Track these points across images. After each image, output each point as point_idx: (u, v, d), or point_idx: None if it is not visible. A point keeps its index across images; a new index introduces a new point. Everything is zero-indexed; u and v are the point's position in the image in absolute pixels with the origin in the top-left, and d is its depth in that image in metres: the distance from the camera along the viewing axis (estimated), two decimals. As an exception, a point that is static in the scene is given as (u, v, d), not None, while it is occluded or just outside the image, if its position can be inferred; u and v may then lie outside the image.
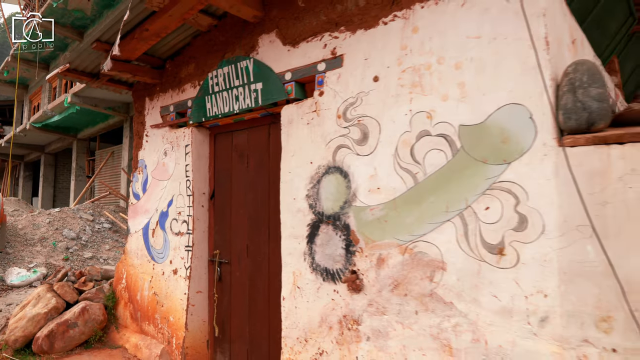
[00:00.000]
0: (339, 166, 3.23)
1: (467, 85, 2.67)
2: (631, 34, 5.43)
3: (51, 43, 13.37)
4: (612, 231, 2.22)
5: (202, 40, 4.46)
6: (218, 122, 4.36)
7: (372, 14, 3.16)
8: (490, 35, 2.61)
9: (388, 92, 3.01)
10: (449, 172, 2.70)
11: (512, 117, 2.50)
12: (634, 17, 5.04)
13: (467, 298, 2.59)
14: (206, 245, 4.51)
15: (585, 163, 2.29)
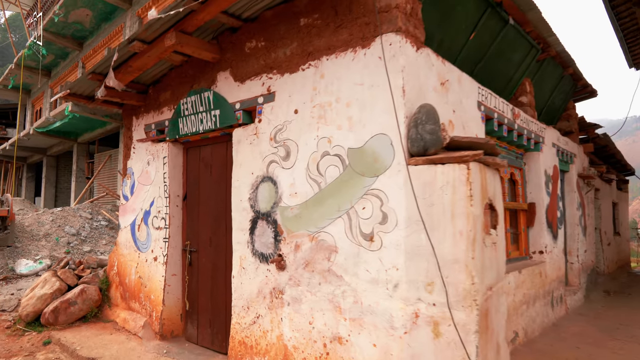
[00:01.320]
0: (270, 176, 4.32)
1: (353, 119, 3.74)
2: (541, 60, 6.47)
3: (44, 56, 14.46)
4: (435, 225, 3.29)
5: (176, 72, 5.54)
6: (189, 138, 5.44)
7: (295, 62, 4.23)
8: (369, 83, 3.68)
9: (303, 122, 4.09)
10: (340, 182, 3.77)
11: (380, 143, 3.57)
12: (537, 48, 6.08)
13: (351, 272, 3.66)
14: (180, 237, 5.59)
15: (421, 177, 3.37)
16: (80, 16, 13.83)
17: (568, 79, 7.60)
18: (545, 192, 6.45)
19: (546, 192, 6.48)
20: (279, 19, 4.42)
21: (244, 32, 4.71)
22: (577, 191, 7.99)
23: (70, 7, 13.21)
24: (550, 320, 6.26)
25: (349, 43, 3.85)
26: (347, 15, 3.90)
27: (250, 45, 4.64)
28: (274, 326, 4.17)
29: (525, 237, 6.34)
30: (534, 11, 5.28)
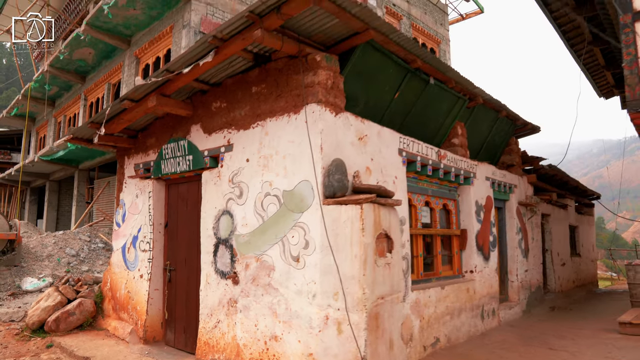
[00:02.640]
0: (228, 210, 5.56)
1: (287, 168, 5.00)
2: (472, 107, 7.74)
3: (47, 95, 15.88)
4: (339, 250, 4.52)
5: (159, 122, 6.85)
6: (170, 177, 6.71)
7: (247, 121, 5.52)
8: (298, 141, 4.95)
9: (253, 169, 5.35)
10: (277, 216, 5.01)
11: (305, 187, 4.81)
12: (464, 99, 7.35)
13: (284, 285, 4.87)
14: (161, 258, 6.82)
15: (331, 214, 4.60)
16: (83, 54, 15.30)
17: (505, 120, 8.87)
18: (476, 220, 7.66)
19: (477, 219, 7.68)
20: (237, 85, 5.73)
21: (211, 94, 6.03)
22: (517, 217, 9.18)
23: (74, 46, 14.67)
24: (479, 330, 7.39)
25: (285, 109, 5.13)
26: (285, 87, 5.20)
27: (216, 105, 5.95)
28: (230, 329, 5.36)
29: (458, 258, 7.52)
30: (452, 72, 6.57)
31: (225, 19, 11.85)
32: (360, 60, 5.41)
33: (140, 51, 13.43)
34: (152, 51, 13.02)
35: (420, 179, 6.69)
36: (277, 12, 4.48)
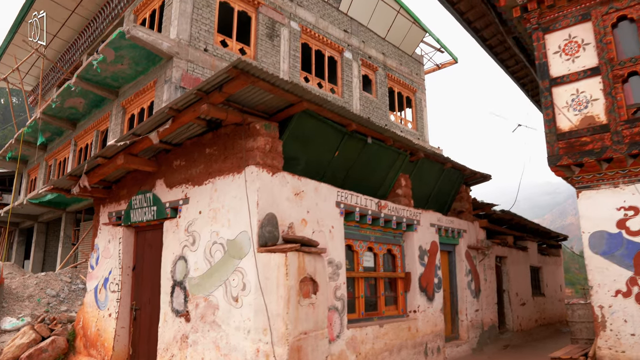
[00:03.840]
0: (184, 256, 6.45)
1: (231, 220, 5.93)
2: (415, 160, 8.73)
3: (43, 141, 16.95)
4: (269, 291, 5.38)
5: (130, 176, 7.82)
6: (138, 224, 7.62)
7: (201, 178, 6.48)
8: (239, 197, 5.89)
9: (204, 220, 6.28)
10: (222, 262, 5.90)
11: (244, 237, 5.72)
12: (405, 154, 8.35)
13: (226, 323, 5.71)
14: (129, 298, 7.64)
15: (263, 260, 5.50)
16: (74, 103, 16.45)
17: (452, 170, 9.85)
18: (419, 264, 8.51)
19: (420, 263, 8.54)
20: (194, 147, 6.73)
21: (173, 153, 7.02)
22: (466, 260, 10.03)
23: (66, 96, 15.82)
24: (422, 366, 8.13)
25: (231, 169, 6.11)
26: (231, 150, 6.19)
27: (177, 163, 6.93)
28: (181, 362, 6.16)
29: (403, 299, 8.34)
30: (388, 132, 7.60)
31: (205, 74, 13.02)
32: (298, 126, 6.43)
33: (127, 102, 14.58)
34: (137, 102, 14.15)
35: (363, 227, 7.60)
36: (219, 91, 5.54)
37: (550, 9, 8.26)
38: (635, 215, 7.26)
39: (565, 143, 7.80)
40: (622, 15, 7.61)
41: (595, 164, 7.53)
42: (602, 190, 7.62)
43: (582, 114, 7.74)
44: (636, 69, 7.37)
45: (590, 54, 7.82)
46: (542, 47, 8.29)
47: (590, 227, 7.63)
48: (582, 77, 7.83)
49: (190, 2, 13.12)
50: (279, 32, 15.11)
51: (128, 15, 15.94)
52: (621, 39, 7.68)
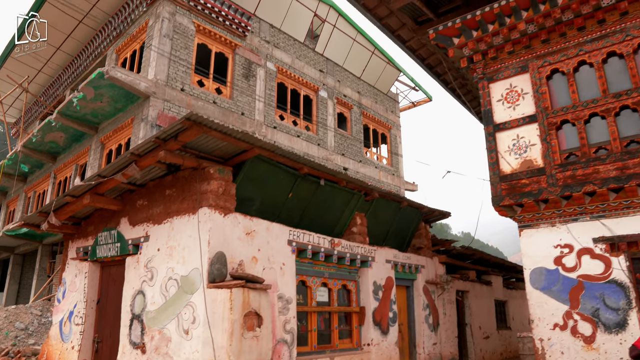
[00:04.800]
0: (142, 290, 6.94)
1: (185, 257, 6.46)
2: (370, 200, 9.36)
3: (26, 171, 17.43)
4: (215, 324, 5.88)
5: (98, 213, 8.35)
6: (104, 260, 8.11)
7: (161, 218, 7.04)
8: (193, 237, 6.44)
9: (161, 257, 6.80)
10: (176, 297, 6.40)
11: (196, 273, 6.25)
12: (359, 194, 8.98)
13: (177, 354, 6.17)
14: (92, 331, 8.05)
15: (211, 296, 6.01)
16: (55, 137, 17.01)
17: (409, 209, 10.49)
18: (374, 298, 9.03)
19: (374, 298, 9.05)
20: (156, 188, 7.30)
21: (137, 193, 7.59)
22: (424, 295, 10.56)
23: (46, 130, 16.40)
24: (375, 398, 8.55)
25: (187, 210, 6.68)
26: (188, 192, 6.77)
27: (140, 203, 7.49)
28: (135, 393, 6.57)
29: (358, 332, 8.82)
30: (340, 174, 8.24)
31: (181, 112, 13.70)
32: (251, 170, 7.05)
33: (105, 138, 15.17)
34: (116, 139, 14.75)
35: (317, 263, 8.15)
36: (175, 139, 6.16)
37: (494, 61, 9.08)
38: (570, 253, 7.89)
39: (507, 185, 8.48)
40: (555, 68, 8.43)
41: (534, 205, 8.20)
42: (541, 229, 8.26)
43: (522, 157, 8.46)
44: (567, 117, 8.12)
45: (528, 103, 8.59)
46: (487, 95, 9.07)
47: (531, 264, 8.23)
48: (522, 124, 8.58)
49: (168, 44, 13.88)
50: (255, 72, 15.92)
51: (110, 54, 16.72)
52: (555, 90, 8.47)
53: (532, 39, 8.66)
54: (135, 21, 15.48)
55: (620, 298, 7.37)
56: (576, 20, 8.18)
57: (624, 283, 7.37)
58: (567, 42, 8.34)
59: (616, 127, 7.71)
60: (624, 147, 7.58)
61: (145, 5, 14.84)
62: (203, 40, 14.86)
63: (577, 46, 8.25)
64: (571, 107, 8.11)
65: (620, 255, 7.48)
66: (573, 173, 7.87)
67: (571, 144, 8.14)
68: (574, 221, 7.96)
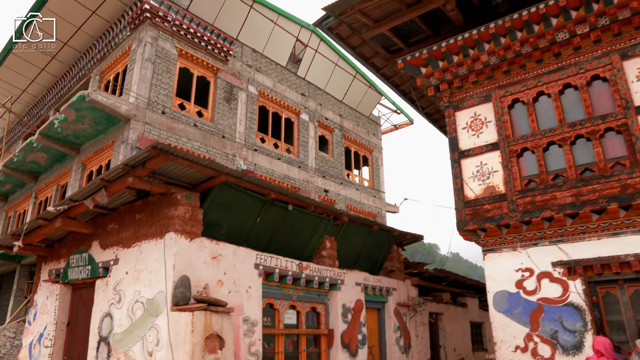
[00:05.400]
0: (110, 313, 7.14)
1: (152, 281, 6.69)
2: (340, 224, 9.65)
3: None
4: (178, 346, 6.09)
5: (71, 236, 8.56)
6: (75, 282, 8.29)
7: (130, 242, 7.27)
8: (160, 260, 6.67)
9: (129, 280, 7.02)
10: (142, 319, 6.61)
11: (161, 297, 6.47)
12: (328, 219, 9.28)
13: (140, 376, 6.35)
14: (61, 353, 8.19)
15: (174, 318, 6.23)
16: (36, 157, 17.19)
17: (380, 232, 10.78)
18: (342, 321, 9.26)
19: (343, 320, 9.28)
20: (126, 212, 7.55)
21: (108, 217, 7.83)
22: (395, 317, 10.80)
23: (28, 151, 16.58)
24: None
25: (155, 234, 6.93)
26: (157, 217, 7.03)
27: (111, 227, 7.73)
28: (100, 415, 6.72)
29: (326, 355, 9.02)
30: (308, 199, 8.54)
31: (161, 135, 13.98)
32: (218, 196, 7.33)
33: (87, 159, 15.40)
34: (97, 160, 14.98)
35: (285, 286, 8.38)
36: (142, 166, 6.44)
37: (459, 90, 9.51)
38: (530, 277, 8.20)
39: (471, 210, 8.82)
40: (516, 98, 8.86)
41: (496, 230, 8.53)
42: (503, 253, 8.58)
43: (485, 184, 8.82)
44: (527, 145, 8.52)
45: (491, 131, 8.99)
46: (452, 122, 9.47)
47: (494, 287, 8.53)
48: (485, 151, 8.97)
49: (150, 68, 14.24)
50: (236, 96, 16.30)
51: (94, 76, 17.04)
52: (516, 119, 8.89)
53: (495, 70, 9.11)
54: (119, 45, 15.85)
55: (577, 320, 7.67)
56: (534, 53, 8.65)
57: (580, 306, 7.68)
58: (527, 74, 8.79)
59: (572, 155, 8.11)
60: (578, 175, 7.97)
61: (129, 29, 15.23)
62: (185, 64, 15.24)
63: (536, 77, 8.69)
64: (530, 135, 8.52)
65: (577, 279, 7.80)
66: (532, 199, 8.23)
67: (531, 171, 8.51)
68: (534, 246, 8.29)
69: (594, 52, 8.21)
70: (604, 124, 7.87)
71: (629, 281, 7.57)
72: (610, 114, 7.86)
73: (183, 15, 15.18)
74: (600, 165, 7.79)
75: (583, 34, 8.21)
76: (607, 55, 8.08)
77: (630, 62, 7.89)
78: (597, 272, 7.70)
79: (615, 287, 7.70)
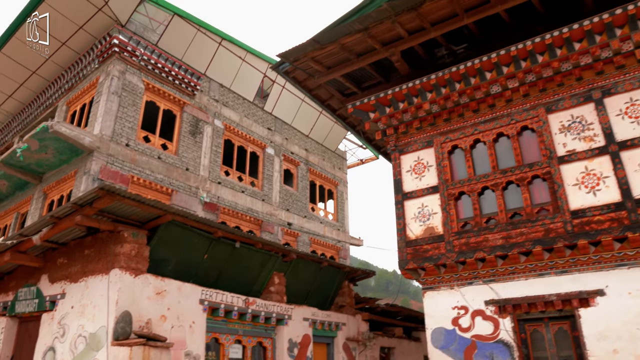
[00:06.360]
0: (53, 347, 7.40)
1: (95, 315, 7.01)
2: (289, 261, 10.11)
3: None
4: (115, 380, 6.40)
5: (20, 269, 8.82)
6: (22, 315, 8.52)
7: (78, 276, 7.60)
8: (104, 295, 7.01)
9: (74, 314, 7.33)
10: (83, 353, 6.91)
11: (102, 331, 6.80)
12: (277, 255, 9.74)
13: (78, 409, 6.61)
14: (5, 387, 8.35)
15: (114, 352, 6.55)
16: (-2, 185, 17.30)
17: (331, 268, 11.26)
18: (288, 355, 9.62)
19: (289, 355, 9.65)
20: (76, 247, 7.90)
21: (58, 251, 8.15)
22: (344, 352, 11.19)
23: (-11, 178, 16.71)
24: None
25: (102, 270, 7.29)
26: (104, 253, 7.40)
27: (60, 261, 8.05)
28: None
29: (272, 388, 9.34)
30: (255, 237, 9.00)
31: (125, 167, 14.34)
32: (165, 234, 7.75)
33: (48, 188, 15.61)
34: (58, 190, 15.21)
35: (230, 321, 8.75)
36: (90, 205, 6.85)
37: (404, 135, 10.21)
38: (465, 314, 8.74)
39: (412, 249, 9.39)
40: (455, 144, 9.57)
41: (435, 269, 9.10)
42: (441, 291, 9.13)
43: (425, 225, 9.42)
44: (464, 189, 9.18)
45: (432, 175, 9.65)
46: (397, 165, 10.12)
47: (432, 324, 9.04)
48: (426, 194, 9.60)
49: (116, 101, 14.68)
50: (202, 130, 16.80)
51: (61, 106, 17.39)
52: (455, 164, 9.58)
53: (436, 118, 9.84)
54: (87, 76, 16.29)
55: (506, 356, 8.19)
56: (471, 103, 9.41)
57: (509, 343, 8.22)
58: (465, 122, 9.53)
59: (503, 200, 8.79)
60: (509, 219, 8.63)
61: (98, 62, 15.71)
62: (152, 98, 15.72)
63: (473, 126, 9.43)
64: (467, 180, 9.19)
65: (507, 317, 8.36)
66: (467, 240, 8.84)
67: (467, 214, 9.15)
68: (469, 285, 8.86)
69: (523, 104, 9.00)
70: (532, 171, 8.59)
71: (553, 319, 8.18)
72: (537, 163, 8.59)
73: (152, 50, 15.75)
74: (527, 210, 8.47)
75: (514, 88, 9.01)
76: (535, 108, 8.88)
77: (554, 116, 8.68)
78: (525, 310, 8.28)
79: (541, 325, 8.29)
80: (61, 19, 15.41)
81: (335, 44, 9.61)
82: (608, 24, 7.98)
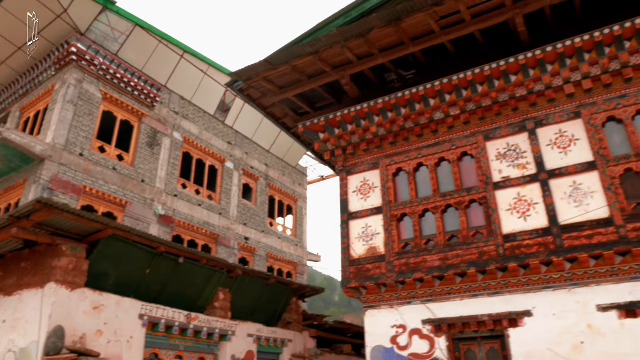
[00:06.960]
0: (-17, 361, 7.34)
1: (27, 330, 7.01)
2: (235, 277, 10.26)
3: None
4: (44, 395, 6.42)
5: (-44, 280, 8.70)
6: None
7: (13, 289, 7.58)
8: (38, 309, 7.02)
9: (6, 328, 7.30)
10: (12, 368, 6.88)
11: (33, 346, 6.80)
12: (222, 271, 9.88)
13: None
14: None
15: (44, 367, 6.57)
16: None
17: (278, 285, 11.44)
18: (231, 371, 9.74)
19: (232, 370, 9.77)
20: (12, 260, 7.88)
21: (-5, 264, 8.11)
22: (289, 369, 11.37)
23: None
24: None
25: (38, 284, 7.30)
26: (41, 267, 7.42)
27: (-4, 273, 8.01)
28: None
29: (212, 405, 9.42)
30: (199, 253, 9.13)
31: (77, 177, 14.23)
32: (106, 248, 7.82)
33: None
34: (5, 198, 14.95)
35: (171, 337, 8.82)
36: (27, 218, 6.89)
37: (352, 156, 10.54)
38: (403, 333, 9.03)
39: (355, 268, 9.66)
40: (400, 167, 9.94)
41: (376, 288, 9.38)
42: (382, 310, 9.41)
43: (368, 244, 9.73)
44: (406, 211, 9.53)
45: (377, 196, 9.98)
46: (344, 185, 10.43)
47: (372, 342, 9.29)
48: (371, 214, 9.92)
49: (72, 110, 14.59)
50: (160, 142, 16.82)
51: (14, 112, 17.15)
52: (399, 186, 9.94)
53: (383, 140, 10.21)
54: (43, 83, 16.15)
55: (441, 375, 8.52)
56: (416, 128, 9.82)
57: (444, 362, 8.55)
58: (410, 146, 9.92)
59: (442, 222, 9.17)
60: (446, 241, 9.01)
61: (55, 69, 15.61)
62: (109, 108, 15.68)
63: (417, 150, 9.84)
64: (410, 202, 9.56)
65: (442, 336, 8.69)
66: (407, 261, 9.17)
67: (408, 235, 9.50)
68: (407, 304, 9.17)
69: (464, 131, 9.46)
70: (469, 196, 9.01)
71: (485, 339, 8.54)
72: (475, 188, 9.02)
73: (111, 60, 15.75)
74: (464, 233, 8.87)
75: (455, 116, 9.46)
76: (474, 135, 9.34)
77: (492, 143, 9.16)
78: (459, 330, 8.62)
79: (474, 344, 8.64)
80: (18, 23, 15.28)
81: (287, 65, 9.91)
82: (540, 60, 8.52)
